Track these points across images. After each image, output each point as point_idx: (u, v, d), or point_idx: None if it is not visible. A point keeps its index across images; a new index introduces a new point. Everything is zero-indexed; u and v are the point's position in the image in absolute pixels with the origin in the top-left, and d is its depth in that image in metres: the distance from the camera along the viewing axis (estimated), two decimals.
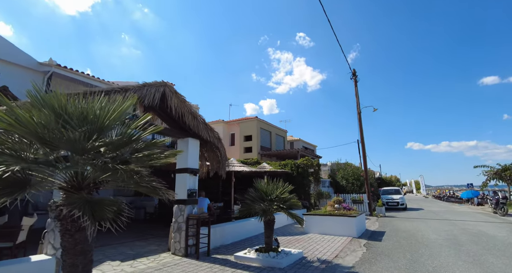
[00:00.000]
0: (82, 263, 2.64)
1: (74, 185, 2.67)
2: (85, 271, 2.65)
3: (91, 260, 2.74)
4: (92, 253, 2.78)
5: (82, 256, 2.65)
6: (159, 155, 3.11)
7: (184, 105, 6.21)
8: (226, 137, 22.37)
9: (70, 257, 2.60)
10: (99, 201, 2.40)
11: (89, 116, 2.45)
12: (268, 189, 6.09)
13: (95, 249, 6.65)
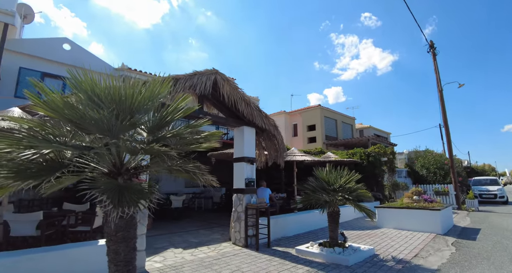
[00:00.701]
0: (124, 250, 2.59)
1: (114, 171, 2.64)
2: (127, 258, 2.60)
3: (133, 248, 2.68)
4: (135, 241, 2.72)
5: (124, 243, 2.60)
6: (198, 138, 2.89)
7: (236, 92, 6.01)
8: (288, 128, 21.93)
9: (112, 244, 2.58)
10: (128, 186, 2.27)
11: (115, 96, 2.33)
12: (330, 178, 5.48)
13: (163, 236, 7.09)
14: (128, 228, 2.66)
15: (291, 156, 10.43)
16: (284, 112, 21.88)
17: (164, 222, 9.13)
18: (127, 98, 2.36)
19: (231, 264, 4.78)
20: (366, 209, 5.40)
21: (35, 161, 2.02)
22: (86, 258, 4.00)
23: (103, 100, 2.36)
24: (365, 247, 5.53)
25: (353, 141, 19.00)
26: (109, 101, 2.36)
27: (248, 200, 6.27)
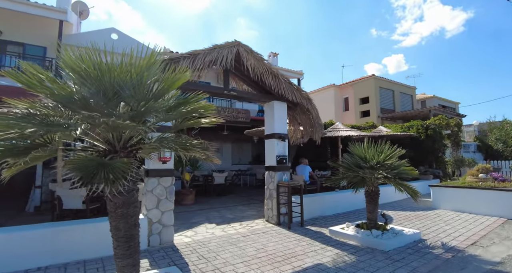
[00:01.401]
0: (124, 227, 2.61)
1: (110, 149, 2.62)
2: (127, 234, 2.63)
3: (134, 224, 2.69)
4: (136, 218, 2.72)
5: (124, 220, 2.61)
6: (187, 113, 2.70)
7: (262, 64, 5.62)
8: (338, 102, 20.62)
9: (113, 220, 2.62)
10: (108, 163, 2.19)
11: (102, 73, 2.23)
12: (367, 154, 4.88)
13: (202, 211, 7.36)
14: (127, 206, 2.66)
15: (334, 131, 9.78)
16: (333, 86, 20.50)
17: (207, 198, 9.52)
18: (111, 74, 2.24)
19: (257, 242, 4.70)
20: (409, 189, 4.72)
21: (25, 140, 2.07)
22: None
23: (85, 76, 2.28)
24: (410, 230, 4.92)
25: (412, 113, 17.01)
26: (93, 78, 2.28)
27: (280, 177, 6.03)
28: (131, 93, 2.43)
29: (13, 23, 10.17)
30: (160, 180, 4.65)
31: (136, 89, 2.40)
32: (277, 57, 17.05)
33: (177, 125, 2.94)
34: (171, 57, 4.60)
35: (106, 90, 2.28)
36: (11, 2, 8.87)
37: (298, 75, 15.75)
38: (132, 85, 2.41)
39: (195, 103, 2.76)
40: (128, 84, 2.34)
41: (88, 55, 2.35)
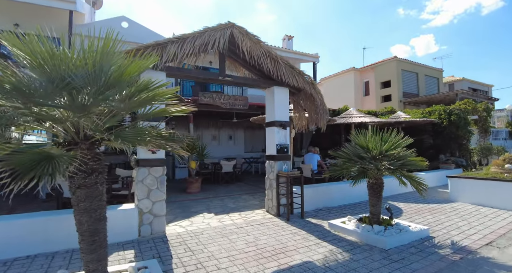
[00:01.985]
0: (87, 221, 2.49)
1: (70, 141, 2.48)
2: (91, 229, 2.51)
3: (99, 218, 2.56)
4: (101, 212, 2.59)
5: (87, 214, 2.49)
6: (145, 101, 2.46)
7: (259, 47, 5.24)
8: (358, 87, 19.63)
9: (76, 214, 2.51)
10: (53, 157, 2.02)
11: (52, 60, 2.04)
12: (369, 143, 4.45)
13: (205, 200, 7.28)
14: (90, 199, 2.53)
15: (347, 117, 9.28)
16: (353, 69, 19.46)
17: (215, 186, 9.48)
18: (61, 62, 2.05)
19: (250, 234, 4.52)
20: (415, 181, 4.26)
21: None
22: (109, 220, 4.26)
23: (35, 65, 2.10)
24: (417, 226, 4.51)
25: (437, 97, 15.82)
26: (42, 66, 2.10)
27: (280, 167, 5.76)
28: (83, 82, 2.23)
29: (28, 15, 10.33)
30: (151, 170, 4.55)
31: (89, 78, 2.20)
32: (292, 40, 16.35)
33: (142, 115, 2.73)
34: (157, 42, 4.37)
35: (55, 79, 2.09)
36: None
37: (314, 58, 15.03)
38: (86, 74, 2.21)
39: (156, 90, 2.51)
40: (81, 73, 2.14)
41: (38, 42, 2.16)
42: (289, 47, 16.00)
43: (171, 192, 8.44)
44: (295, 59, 15.48)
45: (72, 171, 2.46)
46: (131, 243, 4.19)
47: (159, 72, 4.62)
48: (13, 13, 10.13)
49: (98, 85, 2.22)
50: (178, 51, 4.46)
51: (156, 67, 4.37)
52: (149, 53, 4.16)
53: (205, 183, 10.04)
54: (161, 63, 4.36)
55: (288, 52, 14.71)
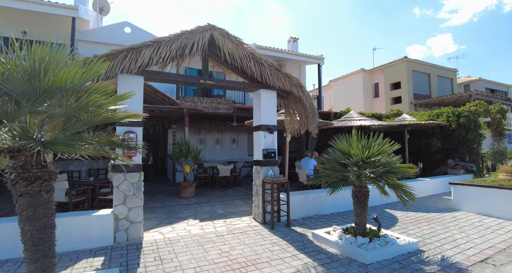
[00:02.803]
0: (30, 230, 2.40)
1: (12, 147, 2.40)
2: (34, 238, 2.42)
3: (44, 227, 2.47)
4: (47, 220, 2.49)
5: (30, 222, 2.40)
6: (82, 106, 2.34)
7: (241, 49, 5.09)
8: (367, 89, 19.09)
9: (19, 222, 2.42)
10: None
11: None
12: (351, 149, 4.18)
13: (196, 205, 7.16)
14: (34, 208, 2.45)
15: (347, 121, 8.94)
16: (362, 71, 18.95)
17: (211, 190, 9.36)
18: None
19: (227, 244, 4.34)
20: (403, 190, 3.95)
21: None
22: (82, 227, 4.20)
23: None
24: (406, 239, 4.18)
25: (449, 98, 15.07)
26: None
27: (265, 173, 5.56)
28: (21, 91, 2.16)
29: (36, 23, 10.68)
30: (127, 175, 4.47)
31: (24, 87, 2.12)
32: (297, 42, 16.12)
33: (88, 121, 2.62)
34: (132, 46, 4.30)
35: None
36: (24, 2, 9.28)
37: (318, 60, 14.74)
38: (22, 82, 2.14)
39: (93, 96, 2.39)
40: (18, 81, 2.07)
41: None
42: (294, 49, 15.79)
43: (165, 196, 8.42)
44: (299, 61, 15.25)
45: (12, 179, 2.40)
46: (104, 250, 4.11)
47: (136, 77, 4.56)
48: (22, 21, 10.51)
49: (31, 93, 2.14)
50: (154, 55, 4.38)
51: (130, 71, 4.30)
52: (116, 58, 4.11)
53: (203, 187, 9.97)
54: (135, 68, 4.28)
55: (292, 54, 14.51)
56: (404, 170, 4.12)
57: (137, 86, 4.56)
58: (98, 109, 2.46)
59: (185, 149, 8.09)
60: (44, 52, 2.31)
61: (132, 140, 4.39)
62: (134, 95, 4.49)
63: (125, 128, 4.44)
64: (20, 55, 2.24)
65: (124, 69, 4.22)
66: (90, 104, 2.35)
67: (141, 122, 4.60)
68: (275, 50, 13.73)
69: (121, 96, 2.71)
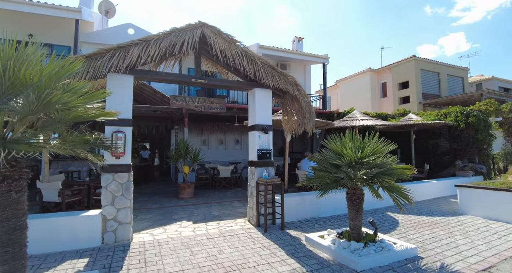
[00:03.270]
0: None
1: None
2: (3, 239, 2.35)
3: (13, 228, 2.39)
4: (16, 221, 2.41)
5: (1, 224, 2.35)
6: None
7: (234, 47, 4.97)
8: (375, 89, 18.69)
9: None
10: None
11: None
12: (344, 149, 3.98)
13: (192, 206, 7.06)
14: (2, 208, 2.38)
15: (349, 120, 8.70)
16: (369, 70, 18.56)
17: (211, 191, 9.26)
18: None
19: (216, 247, 4.21)
20: (396, 192, 3.73)
21: None
22: (70, 227, 4.15)
23: None
24: (404, 245, 3.95)
25: (459, 98, 14.56)
26: None
27: (260, 174, 5.41)
28: None
29: (41, 25, 10.85)
30: (115, 176, 4.41)
31: None
32: (302, 41, 15.92)
33: (61, 119, 2.53)
34: (120, 45, 4.24)
35: None
36: (29, 5, 9.43)
37: (323, 59, 14.49)
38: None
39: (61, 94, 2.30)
40: None
41: None
42: (299, 48, 15.59)
43: (165, 197, 8.37)
44: (304, 61, 15.05)
45: None
46: (91, 251, 4.05)
47: (125, 76, 4.49)
48: (28, 24, 10.68)
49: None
50: (142, 54, 4.30)
51: (118, 70, 4.23)
52: (103, 56, 4.05)
53: (203, 188, 9.88)
54: (123, 67, 4.21)
55: (296, 53, 14.32)
56: (401, 171, 3.90)
57: (126, 85, 4.50)
58: (66, 107, 2.37)
59: (183, 150, 8.02)
60: (12, 50, 2.25)
61: (119, 140, 4.33)
62: (122, 94, 4.44)
63: (113, 127, 4.38)
64: None
65: (112, 68, 4.16)
66: (53, 101, 2.26)
67: (130, 122, 4.53)
68: (278, 50, 13.57)
69: (95, 94, 2.61)
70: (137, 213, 6.24)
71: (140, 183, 11.01)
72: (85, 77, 4.01)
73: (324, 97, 14.42)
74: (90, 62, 4.02)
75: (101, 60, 4.08)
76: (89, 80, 4.22)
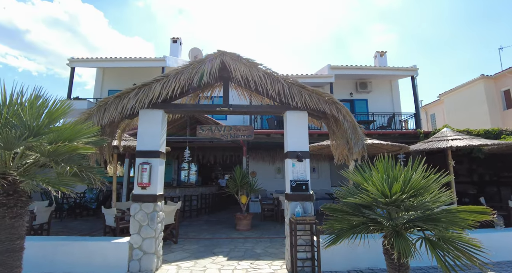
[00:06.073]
0: None
1: None
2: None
3: (6, 250, 2.66)
4: (9, 244, 2.68)
5: None
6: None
7: (254, 70, 4.73)
8: (493, 99, 14.56)
9: None
10: None
11: None
12: (368, 184, 2.93)
13: (244, 240, 6.66)
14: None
15: (434, 141, 6.93)
16: (482, 77, 14.69)
17: (272, 224, 8.68)
18: None
19: None
20: (458, 249, 2.42)
21: None
22: (102, 252, 4.47)
23: None
24: None
25: None
26: None
27: (292, 210, 4.67)
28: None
29: (139, 75, 13.43)
30: (142, 205, 4.58)
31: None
32: (385, 56, 14.24)
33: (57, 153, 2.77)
34: (144, 83, 4.61)
35: None
36: (123, 61, 11.85)
37: (411, 72, 12.41)
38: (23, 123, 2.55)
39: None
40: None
41: None
42: (382, 63, 13.96)
43: (224, 227, 8.30)
44: (389, 76, 13.31)
45: None
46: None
47: (153, 110, 4.81)
48: (129, 76, 13.29)
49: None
50: (163, 90, 4.53)
51: (143, 106, 4.57)
52: (128, 96, 4.44)
53: (269, 220, 9.40)
54: (146, 102, 4.52)
55: (376, 69, 12.83)
56: (463, 215, 2.58)
57: (153, 119, 4.80)
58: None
59: (239, 180, 7.92)
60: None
61: (144, 171, 4.55)
62: (150, 128, 4.72)
63: (141, 159, 4.66)
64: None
65: (138, 104, 4.51)
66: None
67: (157, 153, 4.73)
68: (353, 68, 12.45)
69: (79, 129, 2.79)
70: (185, 242, 6.32)
71: (214, 211, 11.44)
72: (116, 114, 4.47)
73: (416, 115, 12.12)
74: (118, 101, 4.50)
75: (127, 98, 4.51)
76: (122, 118, 4.71)
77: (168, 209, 5.97)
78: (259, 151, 12.28)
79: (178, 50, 14.34)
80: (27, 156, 2.93)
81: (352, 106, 13.67)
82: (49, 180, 2.76)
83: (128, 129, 5.77)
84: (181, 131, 9.68)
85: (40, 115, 2.84)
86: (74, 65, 12.00)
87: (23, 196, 2.92)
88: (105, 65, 12.43)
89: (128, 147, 6.17)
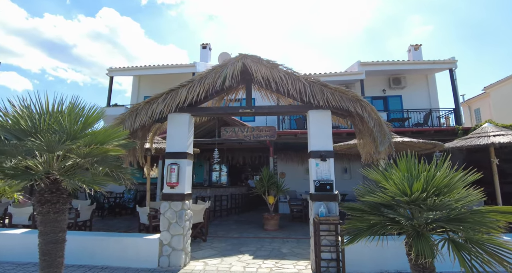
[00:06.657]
0: (40, 242, 3.01)
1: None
2: (43, 249, 3.00)
3: (50, 241, 3.00)
4: (54, 236, 3.02)
5: (41, 236, 3.03)
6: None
7: (275, 71, 4.79)
8: None
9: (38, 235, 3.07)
10: None
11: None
12: (387, 182, 2.84)
13: (270, 239, 6.74)
14: (44, 224, 3.06)
15: (474, 138, 6.47)
16: None
17: (300, 225, 8.61)
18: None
19: None
20: (486, 251, 2.26)
21: None
22: (135, 247, 4.80)
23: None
24: None
25: None
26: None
27: (316, 210, 4.63)
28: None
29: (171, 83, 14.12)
30: (171, 204, 4.84)
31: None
32: (420, 49, 13.45)
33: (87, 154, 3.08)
34: (171, 88, 4.88)
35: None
36: (164, 68, 12.49)
37: (449, 64, 11.59)
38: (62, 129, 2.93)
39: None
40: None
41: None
42: (416, 57, 13.20)
43: (252, 226, 8.42)
44: (424, 70, 12.57)
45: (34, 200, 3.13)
46: (147, 272, 4.50)
47: (182, 114, 5.07)
48: (164, 82, 14.05)
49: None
50: (189, 95, 4.77)
51: (170, 110, 4.84)
52: (156, 102, 4.73)
53: (298, 221, 9.35)
54: (174, 107, 4.78)
55: (409, 63, 12.17)
56: (494, 217, 2.41)
57: (180, 122, 5.05)
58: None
59: (266, 181, 7.99)
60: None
61: (172, 171, 4.81)
62: (177, 131, 4.98)
63: (170, 160, 4.94)
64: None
65: (166, 108, 4.80)
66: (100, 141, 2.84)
67: (184, 155, 4.97)
68: (384, 63, 11.92)
69: (110, 132, 3.07)
70: (213, 241, 6.53)
71: (244, 211, 11.62)
72: (146, 119, 4.79)
73: (456, 110, 11.30)
74: (148, 106, 4.82)
75: (156, 103, 4.81)
76: (152, 122, 5.03)
77: (196, 208, 6.23)
78: (288, 151, 12.21)
79: (207, 56, 14.79)
80: (68, 158, 3.27)
81: (385, 103, 13.10)
82: (85, 179, 3.06)
83: (160, 132, 6.12)
84: (210, 133, 10.01)
85: (77, 121, 3.16)
86: (112, 74, 12.94)
87: (64, 193, 3.26)
88: (140, 73, 13.22)
89: (160, 149, 6.54)
